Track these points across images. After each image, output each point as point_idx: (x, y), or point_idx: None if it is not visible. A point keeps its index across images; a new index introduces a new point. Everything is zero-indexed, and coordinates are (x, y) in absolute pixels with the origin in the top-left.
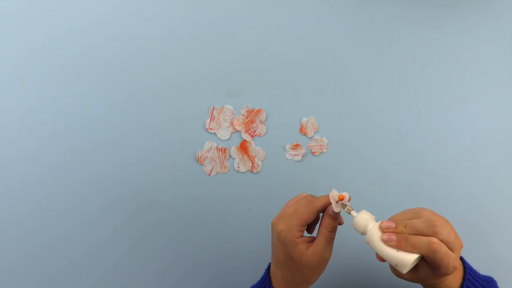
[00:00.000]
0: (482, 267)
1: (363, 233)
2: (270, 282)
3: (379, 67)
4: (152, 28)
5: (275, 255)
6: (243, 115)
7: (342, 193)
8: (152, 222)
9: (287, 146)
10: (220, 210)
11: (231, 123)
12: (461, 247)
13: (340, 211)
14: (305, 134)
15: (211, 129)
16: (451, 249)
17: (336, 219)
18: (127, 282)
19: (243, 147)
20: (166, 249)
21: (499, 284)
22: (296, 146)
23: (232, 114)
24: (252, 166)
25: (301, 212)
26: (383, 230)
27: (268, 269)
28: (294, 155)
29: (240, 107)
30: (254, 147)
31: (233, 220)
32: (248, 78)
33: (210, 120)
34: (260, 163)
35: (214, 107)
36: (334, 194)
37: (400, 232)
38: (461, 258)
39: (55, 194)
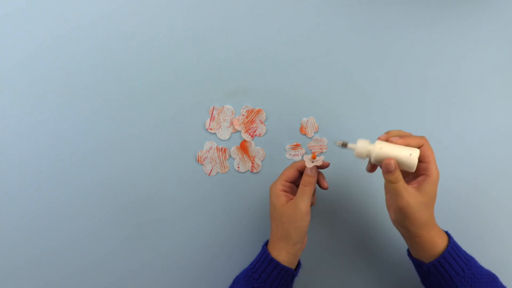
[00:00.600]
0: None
1: (367, 155)
2: (267, 249)
3: (379, 67)
4: (151, 28)
5: (270, 211)
6: (243, 115)
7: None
8: (152, 222)
9: (287, 146)
10: (220, 210)
11: (231, 123)
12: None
13: (314, 168)
14: (305, 134)
15: (211, 129)
16: None
17: (310, 176)
18: (126, 282)
19: (243, 147)
20: (166, 249)
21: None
22: (296, 146)
23: (232, 114)
24: (252, 166)
25: (285, 171)
26: (387, 137)
27: (265, 244)
28: (294, 155)
29: (240, 107)
30: (254, 147)
31: (233, 220)
32: (248, 78)
33: (210, 120)
34: (260, 163)
35: (214, 107)
36: (309, 156)
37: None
38: (448, 233)
39: (55, 196)
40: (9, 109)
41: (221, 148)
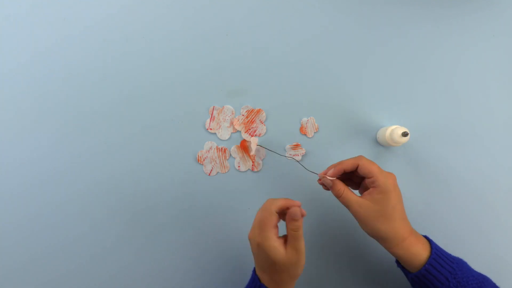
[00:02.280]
0: (483, 266)
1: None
2: (260, 280)
3: (379, 66)
4: (151, 28)
5: (260, 264)
6: (243, 115)
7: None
8: (152, 222)
9: (287, 146)
10: (220, 210)
11: (231, 123)
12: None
13: (298, 211)
14: (305, 134)
15: (211, 129)
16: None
17: (297, 220)
18: (127, 282)
19: (243, 146)
20: (166, 249)
21: (503, 284)
22: (296, 146)
23: (232, 114)
24: (252, 165)
25: (265, 220)
26: (328, 174)
27: (254, 270)
28: (294, 155)
29: (240, 107)
30: (256, 146)
31: (233, 220)
32: (248, 78)
33: (210, 120)
34: (260, 161)
35: (214, 107)
36: (251, 141)
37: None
38: (428, 237)
39: (55, 196)
40: (10, 112)
41: (221, 148)
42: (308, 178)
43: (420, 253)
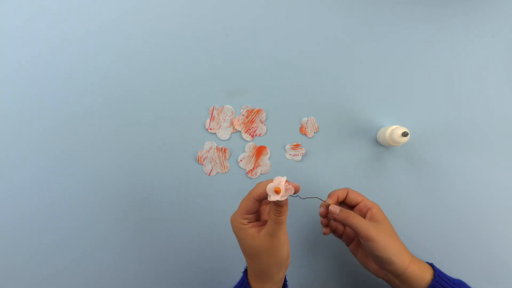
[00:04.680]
0: (482, 266)
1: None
2: (246, 275)
3: (379, 66)
4: (152, 28)
5: (241, 248)
6: (243, 115)
7: (280, 185)
8: (152, 222)
9: (287, 146)
10: (220, 210)
11: (231, 123)
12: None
13: (285, 199)
14: (305, 134)
15: (211, 129)
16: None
17: (281, 205)
18: (125, 282)
19: (259, 151)
20: (165, 249)
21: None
22: (296, 146)
23: (232, 114)
24: (251, 170)
25: (242, 203)
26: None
27: (245, 272)
28: (294, 155)
29: (240, 107)
30: (267, 160)
31: None
32: (248, 78)
33: (210, 120)
34: (259, 173)
35: (214, 107)
36: (271, 186)
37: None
38: (432, 265)
39: (54, 194)
40: (7, 109)
41: (221, 148)
42: (308, 180)
43: (420, 277)
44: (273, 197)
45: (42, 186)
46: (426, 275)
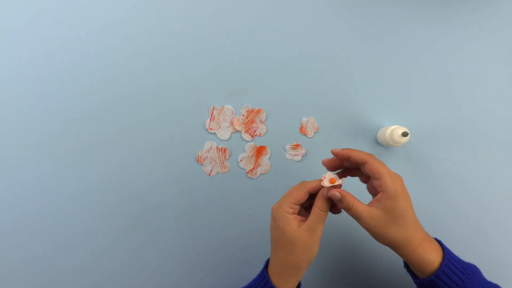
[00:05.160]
0: (482, 266)
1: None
2: (268, 274)
3: (379, 66)
4: (151, 28)
5: (271, 237)
6: (243, 115)
7: (333, 176)
8: (151, 221)
9: (287, 146)
10: (220, 210)
11: (231, 123)
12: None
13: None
14: (305, 134)
15: (211, 129)
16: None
17: (328, 200)
18: (128, 282)
19: (259, 151)
20: (165, 248)
21: (504, 285)
22: (296, 146)
23: (232, 114)
24: (251, 170)
25: (293, 192)
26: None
27: (266, 266)
28: (294, 155)
29: (240, 107)
30: (267, 160)
31: (233, 220)
32: (248, 78)
33: (210, 120)
34: (259, 173)
35: (214, 107)
36: (327, 175)
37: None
38: (439, 241)
39: (56, 197)
40: (8, 110)
41: (221, 148)
42: (309, 178)
43: (433, 260)
44: (326, 183)
45: (42, 187)
46: (434, 261)
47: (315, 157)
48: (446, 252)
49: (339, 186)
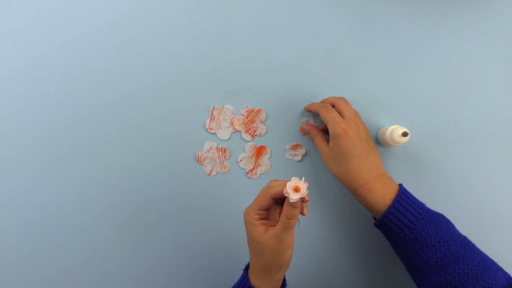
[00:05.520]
0: None
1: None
2: (249, 281)
3: (379, 67)
4: (151, 28)
5: (247, 240)
6: (243, 115)
7: (299, 184)
8: (152, 222)
9: (287, 146)
10: (220, 210)
11: (231, 123)
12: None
13: (299, 200)
14: (305, 134)
15: (211, 129)
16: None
17: (295, 207)
18: (127, 282)
19: (259, 151)
20: (166, 249)
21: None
22: (296, 146)
23: (232, 114)
24: (251, 170)
25: (258, 198)
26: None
27: (246, 269)
28: (294, 155)
29: (240, 107)
30: (267, 160)
31: (233, 220)
32: (248, 78)
33: (210, 120)
34: (259, 173)
35: (214, 107)
36: (291, 184)
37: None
38: (401, 185)
39: (55, 197)
40: (8, 109)
41: (221, 148)
42: (308, 180)
43: (377, 200)
44: (292, 195)
45: (41, 187)
46: (385, 200)
47: (315, 157)
48: (400, 193)
49: (304, 193)
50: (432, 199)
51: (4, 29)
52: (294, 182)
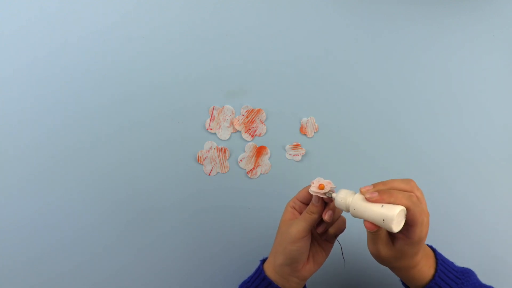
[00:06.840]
0: (482, 266)
1: (347, 209)
2: (265, 272)
3: (379, 66)
4: (151, 28)
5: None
6: (243, 115)
7: (324, 182)
8: (151, 221)
9: (287, 146)
10: (220, 210)
11: (231, 123)
12: (428, 216)
13: (319, 198)
14: (305, 134)
15: (211, 129)
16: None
17: (317, 206)
18: (126, 282)
19: (259, 151)
20: (166, 249)
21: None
22: (296, 146)
23: (232, 114)
24: (251, 170)
25: (301, 190)
26: (363, 192)
27: (262, 262)
28: (294, 155)
29: (240, 107)
30: (267, 160)
31: (233, 220)
32: (248, 78)
33: (210, 120)
34: (259, 173)
35: (214, 107)
36: (319, 180)
37: (380, 189)
38: (433, 249)
39: (55, 197)
40: (8, 109)
41: (221, 148)
42: (308, 180)
43: (427, 272)
44: (312, 187)
45: (42, 188)
46: (428, 272)
47: (315, 157)
48: (439, 262)
49: (325, 196)
50: (432, 199)
51: (5, 29)
52: (322, 180)
